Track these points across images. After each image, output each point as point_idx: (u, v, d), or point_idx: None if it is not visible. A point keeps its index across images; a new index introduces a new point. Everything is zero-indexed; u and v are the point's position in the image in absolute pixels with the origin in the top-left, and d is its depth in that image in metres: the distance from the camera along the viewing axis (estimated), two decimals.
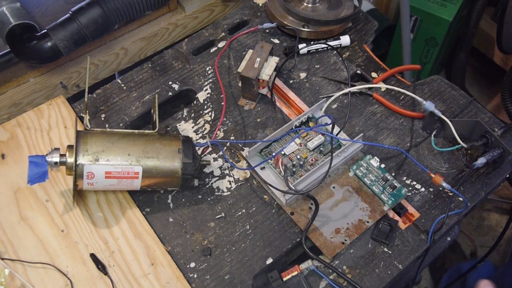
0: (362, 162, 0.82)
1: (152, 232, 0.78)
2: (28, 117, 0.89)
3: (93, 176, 0.72)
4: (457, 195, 0.77)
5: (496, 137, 0.80)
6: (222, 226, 0.79)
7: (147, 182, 0.75)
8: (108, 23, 0.97)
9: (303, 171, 0.82)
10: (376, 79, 0.92)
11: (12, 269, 0.73)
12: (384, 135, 0.88)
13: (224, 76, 0.96)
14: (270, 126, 0.89)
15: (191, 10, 1.12)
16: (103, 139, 0.74)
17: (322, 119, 0.88)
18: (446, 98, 0.92)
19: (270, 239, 0.78)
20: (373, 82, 0.93)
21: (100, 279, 0.73)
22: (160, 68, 0.97)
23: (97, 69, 1.06)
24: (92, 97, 0.92)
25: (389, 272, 0.75)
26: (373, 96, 0.90)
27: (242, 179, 0.84)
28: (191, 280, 0.74)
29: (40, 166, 0.73)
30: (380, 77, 0.92)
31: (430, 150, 0.86)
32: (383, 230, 0.77)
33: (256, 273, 0.75)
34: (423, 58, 1.64)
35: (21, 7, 0.91)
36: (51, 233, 0.77)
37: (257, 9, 1.06)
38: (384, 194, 0.79)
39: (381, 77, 0.92)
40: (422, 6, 1.50)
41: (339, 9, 1.02)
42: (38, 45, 0.93)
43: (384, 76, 0.93)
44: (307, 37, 0.99)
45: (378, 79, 0.92)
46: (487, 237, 1.66)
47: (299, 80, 0.95)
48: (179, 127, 0.89)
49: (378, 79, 0.92)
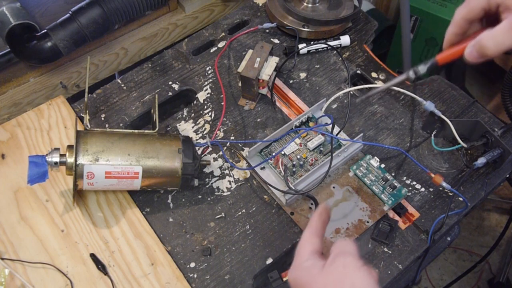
0: (362, 162, 0.82)
1: (152, 232, 0.78)
2: (28, 117, 0.89)
3: (93, 176, 0.72)
4: (457, 195, 0.77)
5: (496, 137, 0.80)
6: (222, 226, 0.79)
7: (147, 182, 0.75)
8: (108, 23, 0.97)
9: (303, 171, 0.82)
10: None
11: (12, 269, 0.73)
12: (384, 135, 0.88)
13: (224, 76, 0.96)
14: (270, 126, 0.89)
15: (191, 10, 1.12)
16: (103, 139, 0.74)
17: (322, 119, 0.88)
18: (446, 98, 0.92)
19: (270, 239, 0.78)
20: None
21: (100, 279, 0.73)
22: (160, 68, 0.97)
23: (97, 69, 1.06)
24: (92, 97, 0.92)
25: (389, 272, 0.75)
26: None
27: (242, 179, 0.84)
28: (191, 280, 0.74)
29: (40, 166, 0.73)
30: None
31: (430, 150, 0.86)
32: (383, 230, 0.77)
33: (256, 273, 0.75)
34: (423, 58, 1.64)
35: (21, 7, 0.91)
36: (51, 233, 0.77)
37: (257, 9, 1.06)
38: (384, 194, 0.79)
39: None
40: (422, 6, 1.50)
41: (339, 9, 1.02)
42: (38, 45, 0.93)
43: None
44: (307, 37, 0.99)
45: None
46: (487, 237, 1.66)
47: (299, 80, 0.95)
48: (179, 127, 0.89)
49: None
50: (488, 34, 0.51)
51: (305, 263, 0.53)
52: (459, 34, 0.57)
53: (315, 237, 0.54)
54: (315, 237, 0.54)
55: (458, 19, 0.56)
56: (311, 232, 0.55)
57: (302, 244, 0.54)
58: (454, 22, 0.57)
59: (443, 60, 0.58)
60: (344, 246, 0.52)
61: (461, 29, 0.56)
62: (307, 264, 0.52)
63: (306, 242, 0.54)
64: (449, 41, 0.58)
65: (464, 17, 0.55)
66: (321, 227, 0.55)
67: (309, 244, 0.53)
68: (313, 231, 0.55)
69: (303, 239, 0.54)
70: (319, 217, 0.56)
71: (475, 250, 1.63)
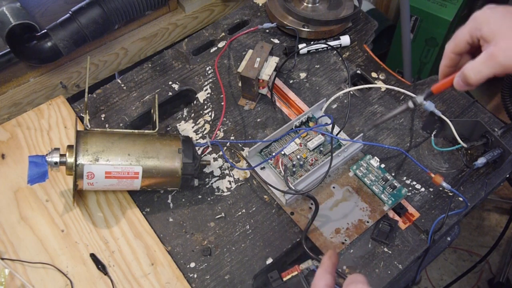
0: (362, 162, 0.82)
1: (152, 232, 0.78)
2: (28, 117, 0.89)
3: (93, 176, 0.72)
4: (457, 195, 0.77)
5: (496, 137, 0.80)
6: (222, 226, 0.79)
7: (147, 182, 0.75)
8: (108, 23, 0.97)
9: (303, 171, 0.82)
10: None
11: (12, 269, 0.73)
12: (384, 135, 0.88)
13: (224, 76, 0.96)
14: (270, 126, 0.89)
15: (191, 10, 1.12)
16: (103, 139, 0.74)
17: (322, 119, 0.88)
18: (446, 98, 0.92)
19: (270, 239, 0.78)
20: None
21: (100, 279, 0.73)
22: (160, 68, 0.97)
23: (97, 69, 1.06)
24: (92, 97, 0.92)
25: (389, 272, 0.75)
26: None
27: (242, 179, 0.84)
28: (191, 280, 0.74)
29: (40, 166, 0.73)
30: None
31: (430, 150, 0.86)
32: (383, 230, 0.77)
33: (256, 273, 0.75)
34: (423, 58, 1.64)
35: (21, 7, 0.91)
36: (51, 233, 0.77)
37: (257, 9, 1.06)
38: (384, 194, 0.79)
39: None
40: (422, 6, 1.50)
41: (339, 9, 1.02)
42: (38, 45, 0.93)
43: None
44: (307, 37, 0.99)
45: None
46: (487, 237, 1.66)
47: (299, 80, 0.95)
48: (179, 127, 0.89)
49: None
50: (469, 65, 0.56)
51: None
52: (450, 66, 0.62)
53: (328, 274, 0.58)
54: (328, 274, 0.58)
55: (447, 53, 0.61)
56: (324, 269, 0.58)
57: (317, 280, 0.58)
58: (444, 55, 0.62)
59: (437, 90, 0.63)
60: (355, 277, 0.56)
61: (452, 61, 0.61)
62: None
63: (320, 279, 0.57)
64: (442, 73, 0.63)
65: (452, 51, 0.61)
66: (332, 266, 0.59)
67: (323, 279, 0.57)
68: (325, 269, 0.59)
69: (317, 276, 0.58)
70: (329, 258, 0.60)
71: (475, 250, 1.63)
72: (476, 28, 0.57)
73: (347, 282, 0.55)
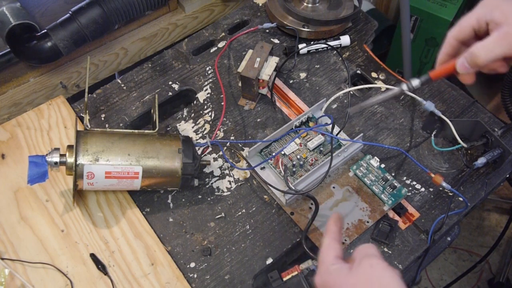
0: (362, 162, 0.82)
1: (152, 232, 0.78)
2: (28, 117, 0.89)
3: (93, 176, 0.72)
4: (457, 195, 0.77)
5: (496, 137, 0.80)
6: (222, 226, 0.79)
7: (147, 182, 0.75)
8: (108, 23, 0.97)
9: (303, 171, 0.82)
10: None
11: (12, 269, 0.73)
12: (384, 135, 0.88)
13: (224, 76, 0.96)
14: (270, 126, 0.89)
15: (191, 10, 1.12)
16: (103, 139, 0.74)
17: (322, 119, 0.88)
18: (446, 98, 0.92)
19: (270, 239, 0.78)
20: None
21: (100, 279, 0.73)
22: (160, 68, 0.97)
23: (97, 69, 1.06)
24: (92, 97, 0.92)
25: None
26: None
27: (242, 179, 0.84)
28: (191, 280, 0.74)
29: (40, 166, 0.73)
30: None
31: (430, 150, 0.86)
32: (383, 230, 0.77)
33: (256, 273, 0.75)
34: (423, 58, 1.64)
35: (21, 7, 0.91)
36: (51, 233, 0.77)
37: (257, 9, 1.06)
38: (384, 194, 0.79)
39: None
40: (422, 6, 1.50)
41: (339, 9, 1.02)
42: (38, 45, 0.93)
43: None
44: (307, 37, 0.99)
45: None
46: (487, 237, 1.66)
47: (299, 80, 0.95)
48: (179, 127, 0.89)
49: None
50: (479, 44, 0.55)
51: (331, 267, 0.54)
52: (451, 55, 0.60)
53: (336, 242, 0.56)
54: (336, 243, 0.56)
55: (450, 39, 0.59)
56: (332, 238, 0.57)
57: (325, 250, 0.56)
58: (446, 42, 0.60)
59: (435, 76, 0.61)
60: (368, 249, 0.54)
61: (453, 49, 0.60)
62: (334, 267, 0.54)
63: (329, 248, 0.56)
64: (441, 60, 0.61)
65: (456, 37, 0.59)
66: (339, 233, 0.58)
67: (332, 249, 0.55)
68: (333, 237, 0.57)
69: (326, 246, 0.57)
70: (335, 224, 0.58)
71: (475, 250, 1.63)
72: (486, 13, 0.56)
73: (360, 255, 0.54)
